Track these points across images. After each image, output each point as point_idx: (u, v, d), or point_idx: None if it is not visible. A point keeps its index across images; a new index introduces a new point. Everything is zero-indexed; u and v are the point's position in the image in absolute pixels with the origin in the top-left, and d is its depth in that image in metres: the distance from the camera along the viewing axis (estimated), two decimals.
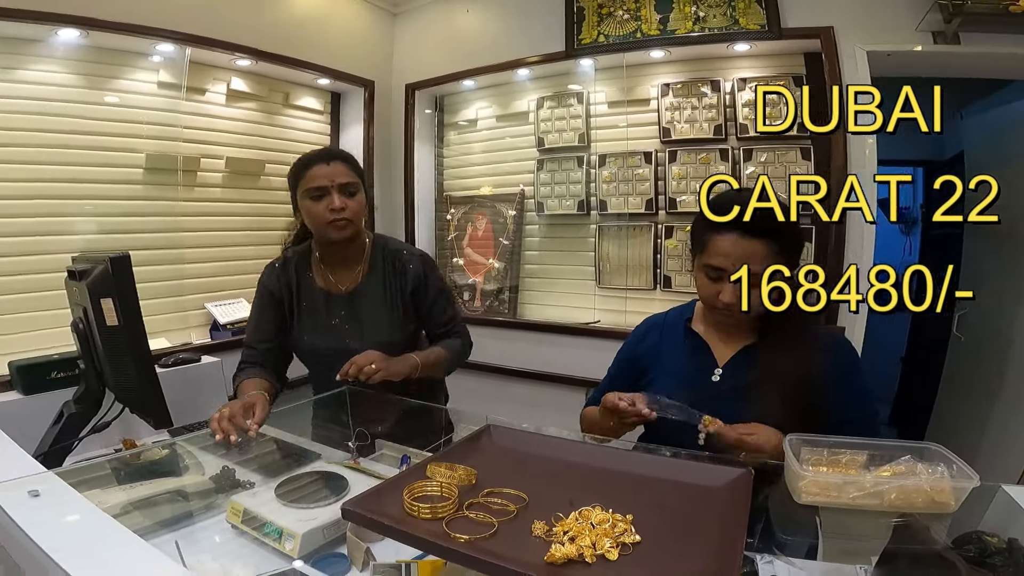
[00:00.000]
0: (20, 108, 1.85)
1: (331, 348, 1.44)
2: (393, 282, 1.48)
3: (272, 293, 1.50)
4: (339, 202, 1.36)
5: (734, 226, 1.04)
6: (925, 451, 0.88)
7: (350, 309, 1.47)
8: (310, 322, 1.48)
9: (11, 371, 1.62)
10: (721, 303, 1.07)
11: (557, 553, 0.64)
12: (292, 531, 0.92)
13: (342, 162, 1.41)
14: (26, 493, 0.90)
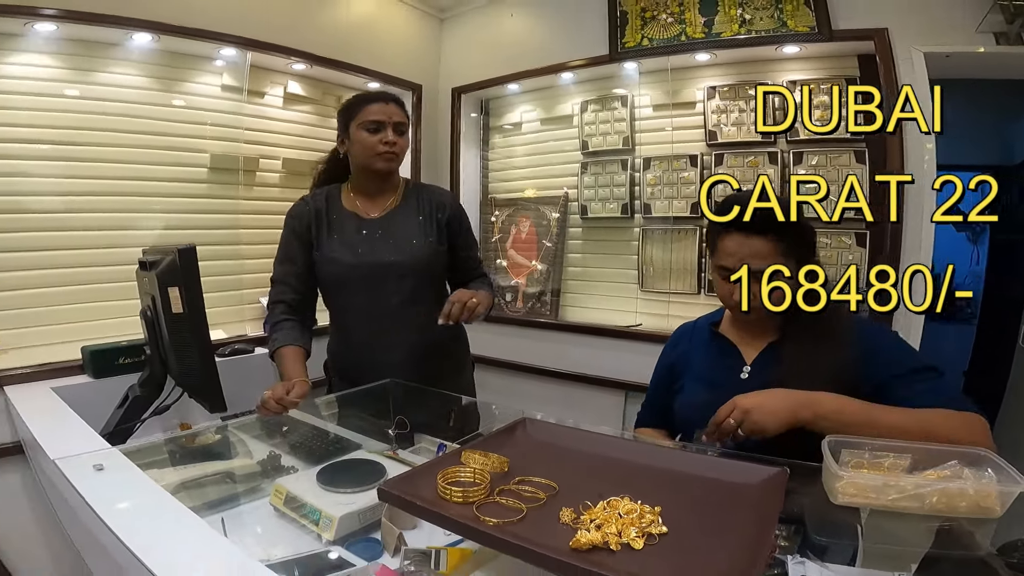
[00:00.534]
0: (98, 109, 1.98)
1: (363, 263, 1.48)
2: (427, 210, 1.55)
3: (301, 227, 1.53)
4: (392, 136, 1.47)
5: (737, 225, 1.08)
6: (974, 456, 0.85)
7: (382, 226, 1.52)
8: (338, 240, 1.51)
9: (83, 356, 1.75)
10: (735, 301, 1.10)
11: (583, 539, 0.65)
12: (330, 514, 0.95)
13: (396, 105, 1.51)
14: (91, 467, 0.98)
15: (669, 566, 0.62)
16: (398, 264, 1.48)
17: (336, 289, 1.54)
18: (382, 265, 1.48)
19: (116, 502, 0.88)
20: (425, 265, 1.51)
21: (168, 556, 0.73)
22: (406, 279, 1.49)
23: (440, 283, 1.60)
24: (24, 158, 1.84)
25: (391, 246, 1.50)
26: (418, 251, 1.50)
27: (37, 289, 1.87)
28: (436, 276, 1.57)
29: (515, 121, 2.90)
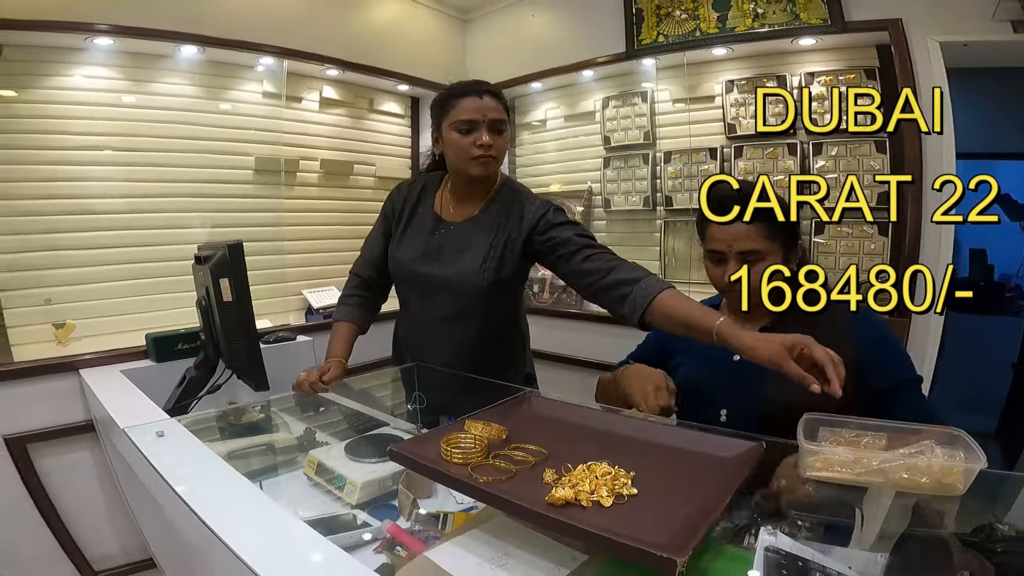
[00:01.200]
0: (152, 116, 2.17)
1: (418, 271, 1.43)
2: (504, 229, 1.38)
3: (390, 211, 1.51)
4: (488, 138, 1.31)
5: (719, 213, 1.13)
6: (947, 436, 0.86)
7: (450, 236, 1.42)
8: (409, 237, 1.47)
9: (147, 342, 1.93)
10: (725, 283, 1.16)
11: (557, 494, 0.74)
12: (353, 481, 1.06)
13: (493, 97, 1.34)
14: (154, 433, 1.14)
15: (628, 520, 0.69)
16: (448, 281, 1.40)
17: (396, 283, 1.54)
18: (433, 278, 1.41)
19: (174, 462, 1.02)
20: (472, 291, 1.38)
21: (218, 508, 0.85)
22: (453, 298, 1.41)
23: (497, 302, 1.44)
24: (90, 163, 2.05)
25: (450, 260, 1.41)
26: (471, 277, 1.38)
27: (106, 283, 2.09)
28: (494, 303, 1.42)
29: (540, 118, 2.98)
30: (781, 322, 1.17)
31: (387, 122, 2.96)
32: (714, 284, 1.23)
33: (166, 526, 0.95)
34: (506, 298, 1.47)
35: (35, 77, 1.95)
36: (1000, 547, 0.74)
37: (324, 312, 2.52)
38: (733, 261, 1.15)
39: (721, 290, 1.22)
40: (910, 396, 1.10)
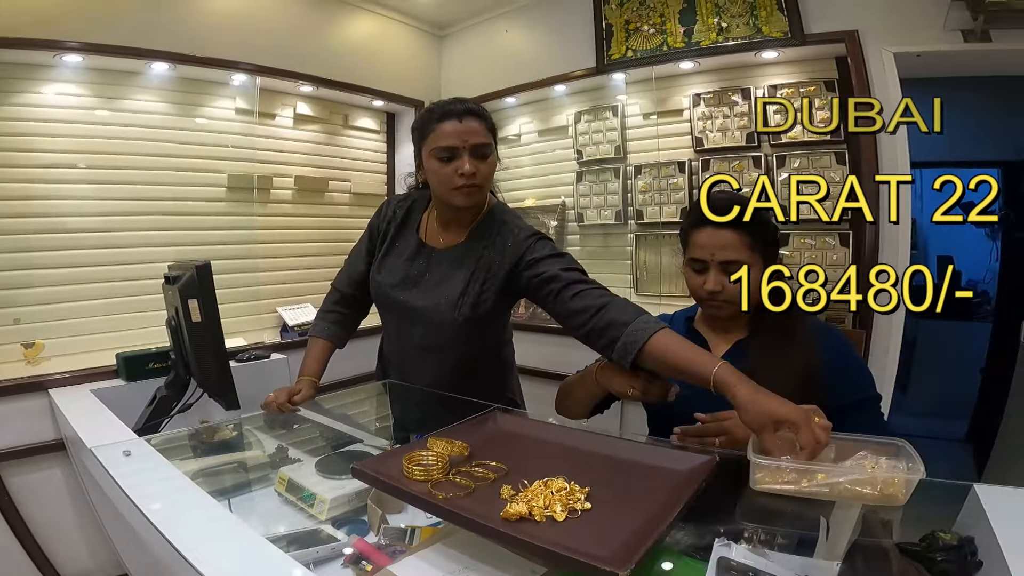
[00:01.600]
0: (123, 134, 2.17)
1: (395, 298, 1.38)
2: (489, 255, 1.31)
3: (375, 228, 1.46)
4: (470, 167, 1.20)
5: (708, 220, 1.14)
6: (892, 447, 0.89)
7: (432, 264, 1.36)
8: (390, 261, 1.41)
9: (117, 361, 1.93)
10: (706, 292, 1.17)
11: (511, 510, 0.76)
12: (322, 496, 1.07)
13: (477, 119, 1.23)
14: (120, 452, 1.14)
15: (578, 534, 0.71)
16: (425, 311, 1.34)
17: (377, 305, 1.48)
18: (411, 307, 1.36)
19: (140, 481, 1.02)
20: (449, 324, 1.32)
21: (183, 527, 0.85)
22: (431, 329, 1.36)
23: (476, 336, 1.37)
24: (60, 181, 2.05)
25: (428, 290, 1.35)
26: (446, 310, 1.31)
27: (76, 302, 2.08)
28: (465, 332, 1.34)
29: (515, 133, 3.02)
30: (757, 332, 1.21)
31: (362, 138, 2.98)
32: (693, 293, 1.23)
33: (136, 543, 0.95)
34: (486, 333, 1.39)
35: (4, 94, 1.95)
36: (940, 556, 0.77)
37: (299, 330, 2.52)
38: (715, 270, 1.16)
39: (699, 299, 1.22)
40: (868, 414, 1.12)
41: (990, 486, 0.88)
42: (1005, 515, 0.78)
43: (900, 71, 1.90)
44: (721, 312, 1.20)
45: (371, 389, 1.69)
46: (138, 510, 0.91)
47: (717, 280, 1.15)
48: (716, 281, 1.15)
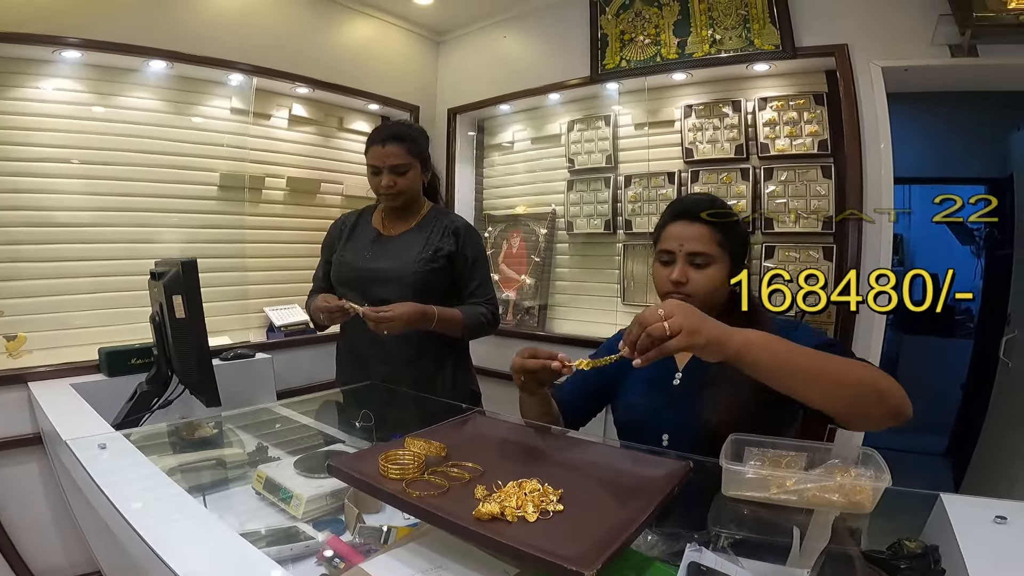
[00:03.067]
0: (118, 130, 2.17)
1: (360, 267, 1.67)
2: (436, 235, 1.67)
3: (331, 240, 1.79)
4: (387, 181, 1.61)
5: (681, 215, 1.18)
6: (863, 456, 0.91)
7: (389, 243, 1.69)
8: (350, 245, 1.73)
9: (99, 356, 1.92)
10: (671, 283, 1.16)
11: (484, 509, 0.76)
12: (299, 495, 1.06)
13: (396, 143, 1.62)
14: (96, 446, 1.13)
15: (548, 535, 0.72)
16: (387, 271, 1.63)
17: (339, 286, 1.72)
18: (375, 271, 1.64)
19: (114, 475, 1.01)
20: (412, 277, 1.62)
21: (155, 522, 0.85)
22: (392, 286, 1.62)
23: (429, 299, 1.63)
24: (53, 176, 2.04)
25: (390, 257, 1.66)
26: (410, 264, 1.63)
27: (62, 296, 2.06)
28: (422, 290, 1.63)
29: (508, 140, 3.03)
30: None
31: (356, 141, 2.96)
32: (658, 288, 1.23)
33: (109, 538, 0.95)
34: (439, 298, 1.65)
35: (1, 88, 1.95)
36: (904, 564, 0.77)
37: (286, 330, 2.51)
38: (681, 261, 1.16)
39: (663, 293, 1.21)
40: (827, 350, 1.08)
41: (956, 495, 0.89)
42: (968, 524, 0.79)
43: (888, 85, 1.92)
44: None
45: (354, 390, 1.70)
46: (110, 504, 0.90)
47: (683, 271, 1.15)
48: (681, 272, 1.15)
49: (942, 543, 0.78)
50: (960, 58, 1.79)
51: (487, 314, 1.70)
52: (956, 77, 1.93)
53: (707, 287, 1.16)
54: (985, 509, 0.83)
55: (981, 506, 0.84)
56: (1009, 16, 1.63)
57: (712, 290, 1.16)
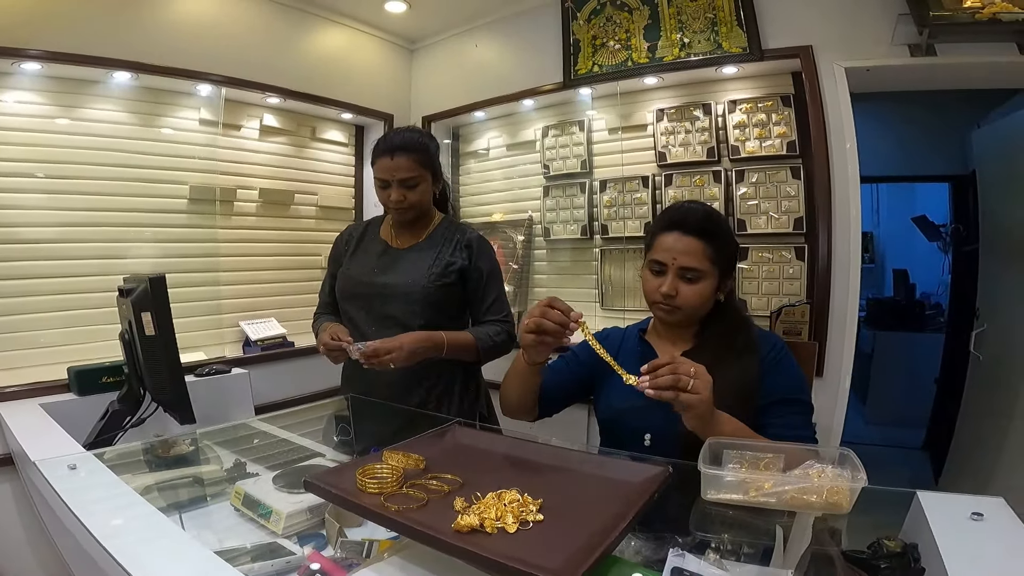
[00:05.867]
0: (83, 143, 2.12)
1: (366, 280, 1.59)
2: (446, 250, 1.58)
3: (338, 252, 1.71)
4: (396, 195, 1.52)
5: (677, 226, 1.19)
6: (840, 456, 0.92)
7: (402, 256, 1.60)
8: (357, 257, 1.65)
9: (69, 375, 1.87)
10: (660, 295, 1.18)
11: (463, 522, 0.76)
12: (279, 511, 1.06)
13: (406, 155, 1.50)
14: (66, 466, 1.11)
15: (528, 546, 0.72)
16: (395, 286, 1.55)
17: (343, 300, 1.65)
18: (382, 286, 1.56)
19: (84, 496, 0.99)
20: (421, 292, 1.53)
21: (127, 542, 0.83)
22: (400, 302, 1.54)
23: (438, 316, 1.57)
24: (16, 191, 1.98)
25: (399, 272, 1.57)
26: (420, 279, 1.54)
27: (29, 314, 2.01)
28: (431, 306, 1.55)
29: (484, 147, 3.02)
30: (702, 342, 1.23)
31: (330, 151, 2.94)
32: (647, 296, 1.24)
33: (85, 558, 0.92)
34: (450, 306, 1.60)
35: None
36: (884, 563, 0.79)
37: (262, 344, 2.48)
38: (672, 275, 1.17)
39: (653, 302, 1.23)
40: (796, 416, 1.15)
41: (932, 493, 0.90)
42: (945, 521, 0.81)
43: (852, 86, 1.96)
44: (671, 317, 1.22)
45: (334, 404, 1.68)
46: (81, 525, 0.88)
47: (673, 284, 1.17)
48: (672, 285, 1.17)
49: (920, 541, 0.80)
50: (919, 57, 1.82)
51: (502, 333, 1.60)
52: (917, 77, 1.96)
53: (696, 302, 1.18)
54: (961, 506, 0.84)
55: (957, 503, 0.86)
56: (965, 15, 1.66)
57: (700, 304, 1.19)
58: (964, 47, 1.77)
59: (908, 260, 4.86)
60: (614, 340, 1.36)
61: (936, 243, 4.54)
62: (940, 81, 2.01)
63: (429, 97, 3.09)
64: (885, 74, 1.94)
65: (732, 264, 1.24)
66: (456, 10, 2.80)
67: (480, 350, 1.57)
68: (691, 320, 1.24)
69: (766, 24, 2.10)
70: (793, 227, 2.15)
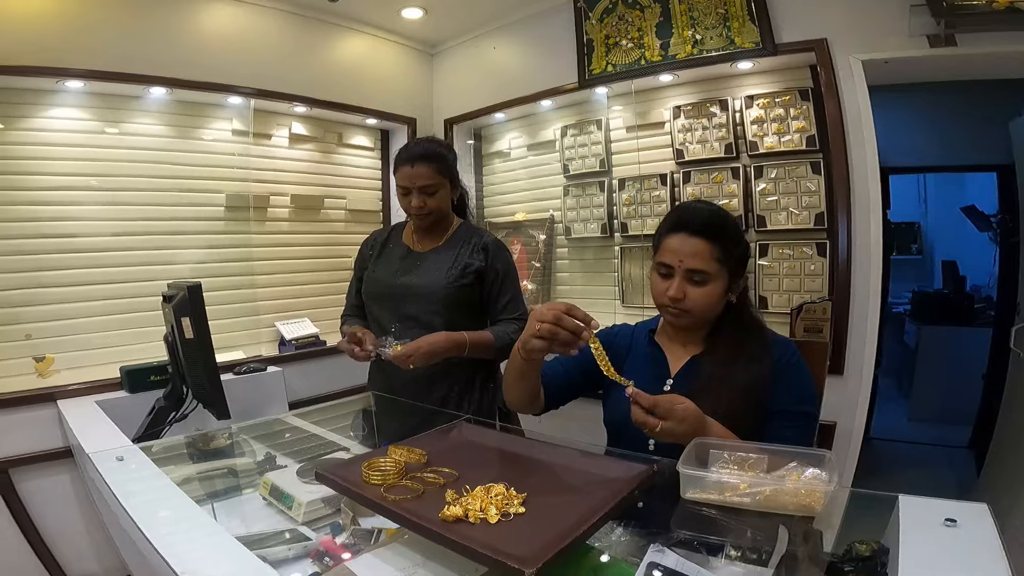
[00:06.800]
0: (125, 156, 2.28)
1: (390, 282, 1.69)
2: (463, 254, 1.67)
3: (363, 258, 1.81)
4: (417, 202, 1.62)
5: (682, 227, 1.18)
6: (817, 457, 0.93)
7: (423, 259, 1.70)
8: (382, 260, 1.75)
9: (121, 374, 2.03)
10: (668, 298, 1.16)
11: (448, 512, 0.83)
12: (299, 500, 1.14)
13: (425, 164, 1.61)
14: (114, 458, 1.23)
15: (503, 535, 0.77)
16: (417, 287, 1.64)
17: (368, 302, 1.76)
18: (405, 287, 1.66)
19: (128, 486, 1.11)
20: (441, 293, 1.62)
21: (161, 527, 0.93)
22: (422, 302, 1.64)
23: (458, 315, 1.65)
24: (67, 203, 2.16)
25: (420, 274, 1.66)
26: (440, 280, 1.63)
27: (84, 318, 2.19)
28: (451, 306, 1.64)
29: (505, 148, 3.06)
30: (713, 345, 1.22)
31: (357, 155, 3.04)
32: (655, 298, 1.22)
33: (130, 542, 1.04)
34: (469, 314, 1.67)
35: (12, 119, 2.07)
36: (848, 567, 0.80)
37: (297, 343, 2.61)
38: (680, 277, 1.15)
39: (660, 305, 1.21)
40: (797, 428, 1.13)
41: (913, 497, 0.89)
42: (917, 527, 0.81)
43: (869, 78, 1.91)
44: (679, 321, 1.20)
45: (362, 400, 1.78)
46: (124, 511, 1.00)
47: (680, 287, 1.15)
48: (679, 288, 1.15)
49: (893, 546, 0.80)
50: (939, 48, 1.76)
51: (518, 332, 1.59)
52: (940, 67, 1.90)
53: (704, 304, 1.17)
54: (937, 511, 0.83)
55: (934, 508, 0.85)
56: (982, 4, 1.60)
57: (709, 306, 1.18)
58: (986, 36, 1.70)
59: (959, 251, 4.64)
60: (623, 338, 1.35)
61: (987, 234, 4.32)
62: (967, 72, 1.94)
63: (450, 100, 3.15)
64: (906, 66, 1.89)
65: (742, 264, 1.21)
66: (471, 14, 2.85)
67: (498, 348, 1.63)
68: (701, 323, 1.22)
69: (779, 18, 2.06)
70: (814, 223, 2.12)
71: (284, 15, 2.60)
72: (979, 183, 4.36)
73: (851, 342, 1.97)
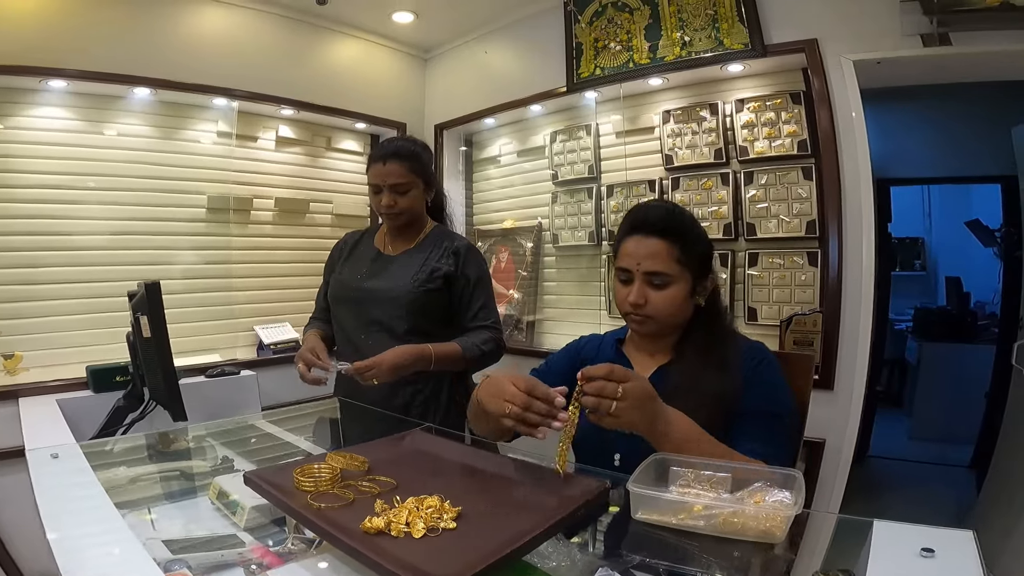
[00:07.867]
0: (106, 156, 2.26)
1: (355, 286, 1.64)
2: (433, 258, 1.62)
3: (337, 248, 1.78)
4: (387, 200, 1.58)
5: (638, 228, 1.12)
6: (784, 478, 0.86)
7: (392, 262, 1.65)
8: (349, 262, 1.71)
9: (87, 373, 1.99)
10: (628, 305, 1.12)
11: (369, 524, 0.76)
12: (244, 505, 1.08)
13: (397, 162, 1.57)
14: (49, 455, 1.18)
15: (424, 551, 0.71)
16: (382, 291, 1.59)
17: (333, 304, 1.70)
18: (370, 290, 1.60)
19: (50, 481, 1.07)
20: (407, 297, 1.57)
21: (65, 525, 0.92)
22: (386, 306, 1.58)
23: (424, 321, 1.60)
24: (44, 201, 2.13)
25: (386, 277, 1.61)
26: (406, 284, 1.58)
27: (55, 316, 2.16)
28: (416, 312, 1.58)
29: (495, 154, 3.02)
30: (681, 353, 1.16)
31: (345, 160, 3.01)
32: (618, 306, 1.17)
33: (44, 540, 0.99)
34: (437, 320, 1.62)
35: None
36: None
37: (275, 348, 2.56)
38: (639, 281, 1.10)
39: (624, 314, 1.16)
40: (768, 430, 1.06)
41: (890, 523, 0.81)
42: (888, 557, 0.73)
43: (862, 81, 1.84)
44: (643, 328, 1.15)
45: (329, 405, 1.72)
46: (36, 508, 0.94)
47: (640, 292, 1.10)
48: (640, 293, 1.10)
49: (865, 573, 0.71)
50: (933, 48, 1.69)
51: (490, 342, 1.61)
52: (935, 69, 1.83)
53: (667, 309, 1.11)
54: (915, 540, 0.74)
55: (911, 536, 0.76)
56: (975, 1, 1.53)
57: (673, 311, 1.12)
58: (980, 35, 1.63)
59: (963, 267, 4.55)
60: (590, 350, 1.30)
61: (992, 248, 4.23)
62: (964, 73, 1.87)
63: (442, 105, 3.12)
64: (898, 66, 1.82)
65: (706, 264, 1.15)
66: (463, 18, 2.82)
67: (467, 360, 1.58)
68: (666, 329, 1.16)
69: (768, 18, 2.01)
70: (805, 231, 2.04)
71: (274, 18, 2.59)
72: (984, 195, 4.28)
73: (842, 356, 1.89)
